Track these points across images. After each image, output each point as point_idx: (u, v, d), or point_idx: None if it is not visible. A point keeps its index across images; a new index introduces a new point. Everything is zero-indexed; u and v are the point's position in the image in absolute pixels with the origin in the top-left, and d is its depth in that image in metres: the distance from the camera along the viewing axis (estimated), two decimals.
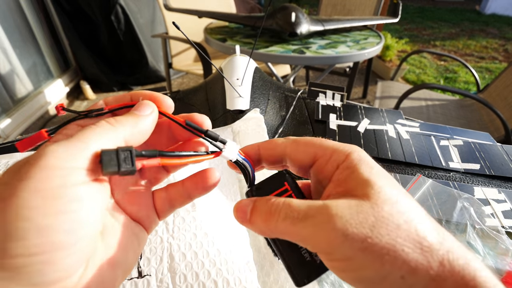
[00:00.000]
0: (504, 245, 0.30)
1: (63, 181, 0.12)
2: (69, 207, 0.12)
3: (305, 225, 0.14)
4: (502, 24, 4.36)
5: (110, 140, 0.14)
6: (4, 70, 1.61)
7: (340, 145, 0.17)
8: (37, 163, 0.12)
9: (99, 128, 0.14)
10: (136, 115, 0.16)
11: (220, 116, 0.44)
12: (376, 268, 0.13)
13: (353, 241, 0.13)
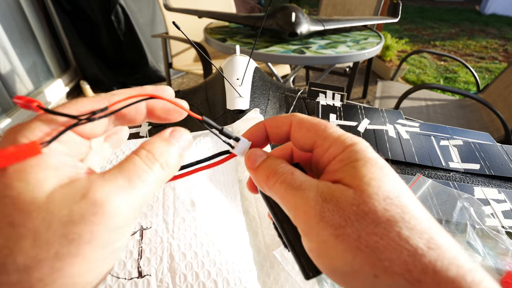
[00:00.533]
0: (504, 245, 0.30)
1: (121, 237, 0.13)
2: (120, 249, 0.13)
3: (294, 193, 0.15)
4: (502, 24, 4.36)
5: (159, 186, 0.14)
6: (4, 70, 1.61)
7: (342, 136, 0.16)
8: (103, 223, 0.11)
9: (154, 176, 0.13)
10: (180, 154, 0.15)
11: (220, 116, 0.44)
12: (348, 259, 0.13)
13: (327, 225, 0.13)
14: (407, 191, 0.14)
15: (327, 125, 0.16)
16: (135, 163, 0.13)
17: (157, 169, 0.14)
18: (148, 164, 0.13)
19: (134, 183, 0.12)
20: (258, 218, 0.32)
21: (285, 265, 0.28)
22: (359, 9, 1.80)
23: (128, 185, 0.12)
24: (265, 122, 0.18)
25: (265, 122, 0.18)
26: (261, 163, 0.17)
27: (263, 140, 0.19)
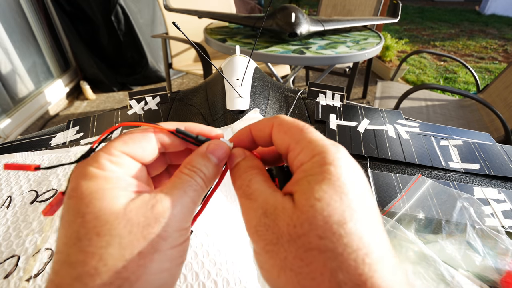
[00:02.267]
0: (504, 245, 0.30)
1: (182, 239, 0.15)
2: (180, 261, 0.15)
3: (244, 201, 0.15)
4: (502, 24, 4.37)
5: (201, 196, 0.16)
6: (5, 70, 1.61)
7: (315, 142, 0.15)
8: (170, 223, 0.14)
9: (201, 189, 0.16)
10: (219, 166, 0.17)
11: (220, 116, 0.44)
12: (274, 275, 0.13)
13: (260, 239, 0.14)
14: (362, 216, 0.13)
15: (304, 128, 0.16)
16: (181, 178, 0.15)
17: (199, 179, 0.16)
18: (192, 176, 0.16)
19: (187, 193, 0.15)
20: None
21: None
22: (359, 9, 1.80)
23: (184, 194, 0.15)
24: (250, 126, 0.18)
25: (250, 126, 0.18)
26: (236, 164, 0.17)
27: (249, 144, 0.18)
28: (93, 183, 0.13)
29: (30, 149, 0.43)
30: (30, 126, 1.78)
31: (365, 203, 0.13)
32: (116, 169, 0.14)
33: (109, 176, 0.14)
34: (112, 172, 0.14)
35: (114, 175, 0.14)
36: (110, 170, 0.14)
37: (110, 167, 0.14)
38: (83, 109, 2.03)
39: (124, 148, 0.15)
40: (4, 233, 0.29)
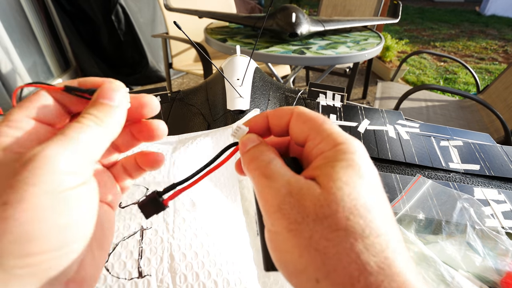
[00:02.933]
0: (504, 246, 0.30)
1: (68, 184, 0.13)
2: (75, 206, 0.13)
3: (264, 181, 0.15)
4: (502, 25, 4.37)
5: (101, 141, 0.15)
6: (5, 70, 1.61)
7: (336, 134, 0.15)
8: (42, 167, 0.12)
9: (89, 129, 0.14)
10: (111, 106, 0.15)
11: (221, 116, 0.44)
12: (294, 256, 0.13)
13: (283, 217, 0.13)
14: (382, 206, 0.14)
15: (325, 121, 0.16)
16: (70, 125, 0.14)
17: (91, 123, 0.15)
18: (80, 121, 0.14)
19: (69, 136, 0.14)
20: None
21: None
22: (359, 9, 1.81)
23: (64, 138, 0.13)
24: (268, 112, 0.18)
25: (268, 112, 0.18)
26: (250, 148, 0.17)
27: (264, 131, 0.18)
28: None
29: None
30: None
31: (383, 193, 0.14)
32: (11, 132, 0.14)
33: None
34: (5, 136, 0.14)
35: (5, 139, 0.14)
36: (3, 134, 0.14)
37: (5, 132, 0.14)
38: None
39: (24, 111, 0.15)
40: None
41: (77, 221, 0.13)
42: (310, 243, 0.12)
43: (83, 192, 0.14)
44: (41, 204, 0.12)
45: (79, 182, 0.14)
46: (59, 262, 0.13)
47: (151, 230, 0.28)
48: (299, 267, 0.13)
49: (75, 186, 0.13)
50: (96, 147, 0.15)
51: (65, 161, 0.13)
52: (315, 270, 0.12)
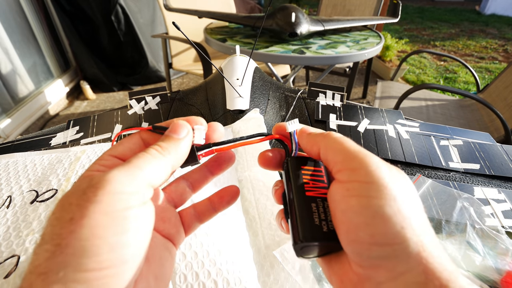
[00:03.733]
0: (504, 245, 0.30)
1: (126, 204, 0.14)
2: (132, 226, 0.14)
3: (336, 136, 0.17)
4: (502, 24, 4.36)
5: (161, 167, 0.16)
6: (5, 70, 1.61)
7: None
8: (104, 188, 0.14)
9: (151, 156, 0.16)
10: (176, 139, 0.18)
11: (220, 116, 0.44)
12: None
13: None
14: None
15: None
16: (137, 155, 0.16)
17: (154, 152, 0.17)
18: (146, 151, 0.17)
19: (131, 163, 0.15)
20: (258, 218, 0.32)
21: (285, 265, 0.28)
22: (359, 9, 1.80)
23: (127, 164, 0.15)
24: (302, 138, 0.20)
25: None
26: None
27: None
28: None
29: (30, 149, 0.43)
30: (30, 126, 1.78)
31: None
32: (100, 167, 0.16)
33: (91, 174, 0.16)
34: (96, 171, 0.16)
35: (95, 173, 0.16)
36: (95, 170, 0.16)
37: (96, 167, 0.16)
38: (83, 109, 2.03)
39: (111, 152, 0.17)
40: (4, 233, 0.29)
41: (130, 241, 0.14)
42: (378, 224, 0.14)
43: (138, 214, 0.15)
44: (97, 222, 0.13)
45: (135, 204, 0.15)
46: (114, 281, 0.13)
47: None
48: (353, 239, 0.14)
49: (130, 207, 0.14)
50: (156, 173, 0.16)
51: (123, 183, 0.14)
52: (367, 249, 0.14)
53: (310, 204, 0.17)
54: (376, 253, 0.14)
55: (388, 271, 0.14)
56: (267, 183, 0.35)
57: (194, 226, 0.21)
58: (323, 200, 0.17)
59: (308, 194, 0.17)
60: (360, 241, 0.14)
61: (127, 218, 0.14)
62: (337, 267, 0.16)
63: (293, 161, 0.19)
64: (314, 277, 0.27)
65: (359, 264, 0.15)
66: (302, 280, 0.27)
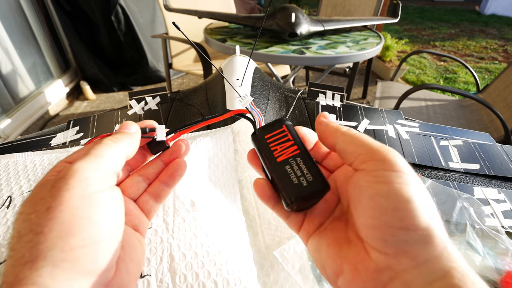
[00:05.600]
0: (504, 245, 0.30)
1: (97, 187, 0.16)
2: (106, 206, 0.16)
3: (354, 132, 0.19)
4: (502, 24, 4.36)
5: (117, 154, 0.18)
6: (5, 70, 1.61)
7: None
8: (73, 176, 0.15)
9: (108, 146, 0.18)
10: (127, 133, 0.20)
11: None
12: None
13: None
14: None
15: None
16: (93, 146, 0.18)
17: (109, 142, 0.18)
18: (101, 142, 0.18)
19: (91, 153, 0.17)
20: (258, 218, 0.32)
21: (285, 265, 0.28)
22: (359, 9, 1.81)
23: (88, 154, 0.17)
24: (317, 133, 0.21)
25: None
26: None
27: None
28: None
29: (30, 149, 0.43)
30: (30, 126, 1.78)
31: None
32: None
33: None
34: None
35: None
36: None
37: (55, 174, 0.18)
38: (83, 109, 2.03)
39: (66, 159, 0.19)
40: (4, 233, 0.29)
41: (106, 219, 0.16)
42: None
43: (108, 195, 0.17)
44: (75, 205, 0.15)
45: (103, 187, 0.17)
46: (94, 258, 0.15)
47: (151, 230, 0.28)
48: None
49: (100, 190, 0.16)
50: (114, 160, 0.18)
51: (89, 170, 0.16)
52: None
53: (284, 168, 0.19)
54: (403, 237, 0.14)
55: (411, 259, 0.14)
56: None
57: (153, 209, 0.22)
58: (295, 158, 0.19)
59: (279, 159, 0.19)
60: (387, 225, 0.14)
61: (100, 199, 0.16)
62: (350, 255, 0.16)
63: (257, 135, 0.20)
64: (314, 277, 0.27)
65: (381, 251, 0.15)
66: (302, 280, 0.27)
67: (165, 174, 0.22)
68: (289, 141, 0.20)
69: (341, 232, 0.18)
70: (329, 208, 0.20)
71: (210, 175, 0.35)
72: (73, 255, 0.14)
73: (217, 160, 0.37)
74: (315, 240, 0.19)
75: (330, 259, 0.17)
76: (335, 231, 0.18)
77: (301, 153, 0.19)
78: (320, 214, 0.20)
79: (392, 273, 0.14)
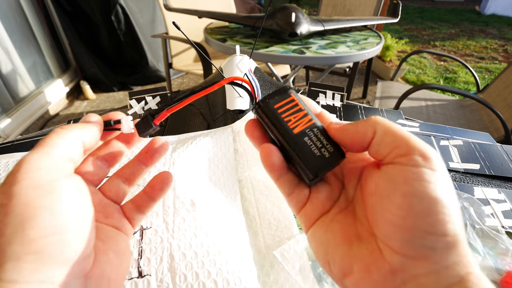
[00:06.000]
0: (504, 245, 0.30)
1: (51, 177, 0.15)
2: (64, 195, 0.15)
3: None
4: (502, 24, 4.36)
5: (71, 141, 0.17)
6: (5, 70, 1.61)
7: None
8: (22, 169, 0.15)
9: (58, 135, 0.17)
10: (85, 121, 0.19)
11: (220, 116, 0.44)
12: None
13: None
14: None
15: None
16: (44, 138, 0.17)
17: (59, 130, 0.18)
18: (53, 131, 0.17)
19: (43, 143, 0.16)
20: (258, 218, 0.32)
21: (285, 265, 0.28)
22: (359, 9, 1.80)
23: (39, 145, 0.16)
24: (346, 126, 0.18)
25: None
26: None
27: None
28: None
29: (30, 149, 0.43)
30: (30, 126, 1.78)
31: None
32: None
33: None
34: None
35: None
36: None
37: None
38: (83, 109, 2.03)
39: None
40: None
41: (67, 208, 0.15)
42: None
43: (66, 183, 0.16)
44: (28, 196, 0.14)
45: (59, 176, 0.16)
46: (60, 248, 0.14)
47: (151, 230, 0.28)
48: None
49: (55, 178, 0.15)
50: (69, 147, 0.17)
51: (39, 160, 0.15)
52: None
53: (303, 139, 0.17)
54: (430, 243, 0.13)
55: (432, 263, 0.13)
56: (267, 183, 0.35)
57: (137, 218, 0.21)
58: (311, 128, 0.18)
59: (295, 131, 0.17)
60: (416, 228, 0.14)
61: (57, 187, 0.15)
62: (362, 254, 0.15)
63: (262, 105, 0.18)
64: (314, 277, 0.27)
65: (399, 251, 0.14)
66: (302, 280, 0.27)
67: (149, 187, 0.22)
68: (301, 110, 0.18)
69: (350, 227, 0.17)
70: (334, 194, 0.19)
71: (210, 175, 0.35)
72: (35, 247, 0.14)
73: (217, 160, 0.37)
74: (321, 233, 0.18)
75: (338, 257, 0.16)
76: (343, 225, 0.17)
77: (316, 122, 0.18)
78: (324, 198, 0.18)
79: (406, 276, 0.14)
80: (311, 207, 0.18)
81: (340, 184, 0.19)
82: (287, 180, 0.19)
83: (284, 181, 0.19)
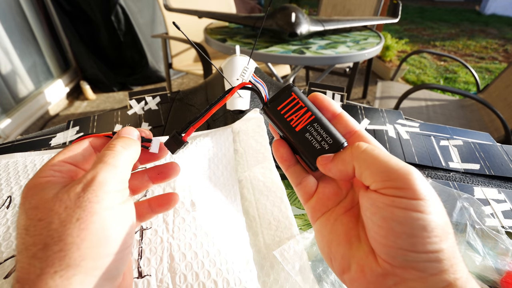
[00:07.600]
0: (504, 245, 0.30)
1: (121, 199, 0.17)
2: (129, 216, 0.17)
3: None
4: (502, 24, 4.36)
5: (128, 162, 0.18)
6: (5, 70, 1.61)
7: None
8: (101, 189, 0.16)
9: (121, 154, 0.18)
10: (132, 139, 0.20)
11: (220, 116, 0.44)
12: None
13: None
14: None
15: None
16: (105, 153, 0.18)
17: (120, 149, 0.18)
18: (111, 149, 0.18)
19: (109, 163, 0.17)
20: (258, 218, 0.32)
21: (285, 265, 0.28)
22: (359, 9, 1.80)
23: (107, 165, 0.17)
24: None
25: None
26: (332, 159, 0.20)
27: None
28: (35, 188, 0.16)
29: (30, 149, 0.43)
30: (30, 126, 1.78)
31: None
32: (55, 173, 0.18)
33: (48, 180, 0.17)
34: (52, 176, 0.17)
35: (52, 178, 0.17)
36: (50, 176, 0.17)
37: (50, 173, 0.17)
38: (83, 109, 2.03)
39: (62, 158, 0.19)
40: (4, 233, 0.29)
41: (131, 229, 0.17)
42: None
43: (127, 207, 0.18)
44: (104, 217, 0.16)
45: (124, 198, 0.18)
46: (121, 264, 0.16)
47: (151, 230, 0.28)
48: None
49: (122, 201, 0.17)
50: (126, 169, 0.18)
51: (112, 183, 0.17)
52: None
53: (304, 136, 0.20)
54: (412, 258, 0.14)
55: (419, 271, 0.14)
56: (267, 183, 0.35)
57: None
58: (312, 124, 0.20)
59: (297, 129, 0.20)
60: (398, 247, 0.15)
61: (125, 210, 0.17)
62: (359, 256, 0.17)
63: (269, 107, 0.21)
64: (314, 277, 0.27)
65: (389, 263, 0.15)
66: (302, 280, 0.27)
67: (155, 200, 0.23)
68: (302, 108, 0.20)
69: (352, 229, 0.18)
70: (340, 191, 0.20)
71: (210, 175, 0.35)
72: (102, 263, 0.15)
73: (217, 160, 0.37)
74: (326, 231, 0.19)
75: (339, 255, 0.18)
76: (346, 228, 0.18)
77: (316, 117, 0.20)
78: (331, 193, 0.20)
79: (397, 279, 0.15)
80: (317, 200, 0.20)
81: (349, 184, 0.20)
82: (296, 171, 0.21)
83: (293, 172, 0.21)
